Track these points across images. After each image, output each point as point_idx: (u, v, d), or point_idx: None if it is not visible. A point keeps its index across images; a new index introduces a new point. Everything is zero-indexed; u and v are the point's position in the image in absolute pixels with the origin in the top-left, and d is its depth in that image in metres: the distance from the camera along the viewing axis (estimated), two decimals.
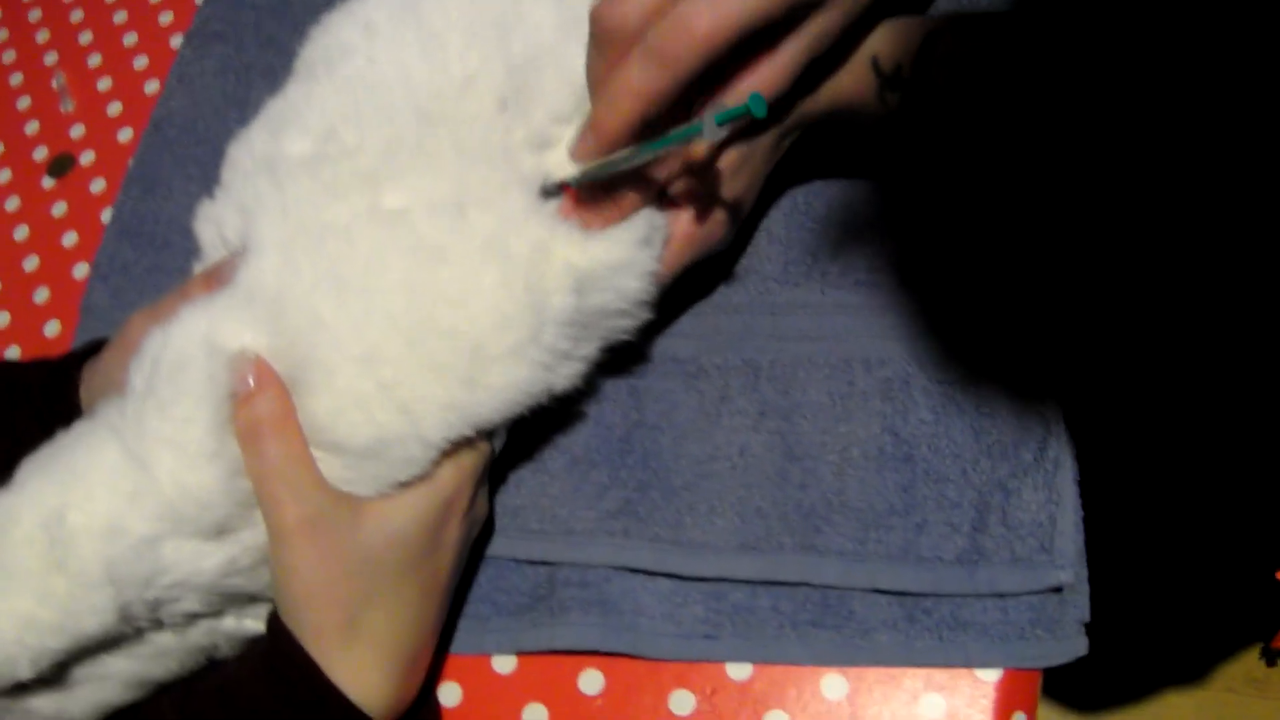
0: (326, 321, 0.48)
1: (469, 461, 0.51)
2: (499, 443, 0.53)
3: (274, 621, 0.48)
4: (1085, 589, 0.52)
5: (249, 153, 0.53)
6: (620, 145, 0.49)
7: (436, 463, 0.49)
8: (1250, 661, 1.18)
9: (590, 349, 0.53)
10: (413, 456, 0.48)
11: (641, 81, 0.46)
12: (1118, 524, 1.15)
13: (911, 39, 0.52)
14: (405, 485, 0.49)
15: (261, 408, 0.47)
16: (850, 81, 0.53)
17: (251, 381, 0.47)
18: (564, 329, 0.51)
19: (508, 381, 0.49)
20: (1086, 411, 0.56)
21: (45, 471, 0.47)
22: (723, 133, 0.46)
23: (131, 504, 0.45)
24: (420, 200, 0.50)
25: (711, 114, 0.45)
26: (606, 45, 0.48)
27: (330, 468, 0.48)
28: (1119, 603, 1.11)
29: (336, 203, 0.50)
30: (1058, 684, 1.17)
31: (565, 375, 0.52)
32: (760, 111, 0.43)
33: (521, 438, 0.58)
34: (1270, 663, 1.17)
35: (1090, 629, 0.52)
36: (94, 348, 0.59)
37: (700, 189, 0.53)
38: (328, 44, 0.55)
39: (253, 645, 0.51)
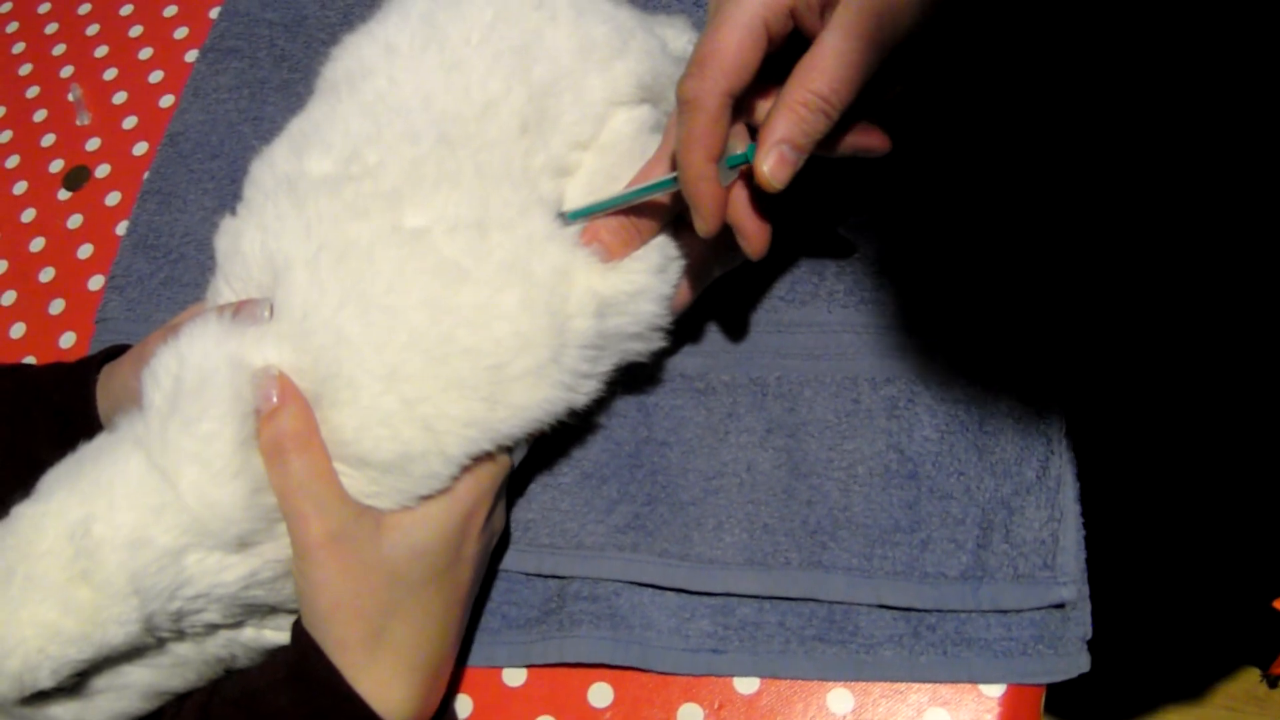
0: (351, 339, 0.49)
1: (488, 474, 0.52)
2: (519, 456, 0.54)
3: (299, 633, 0.49)
4: (1087, 605, 0.53)
5: (271, 171, 0.54)
6: (714, 197, 0.49)
7: (456, 477, 0.50)
8: (1251, 679, 1.18)
9: (607, 367, 0.54)
10: (435, 472, 0.49)
11: (682, 131, 0.48)
12: (1121, 543, 1.16)
13: None
14: (426, 499, 0.50)
15: (285, 423, 0.48)
16: None
17: (275, 398, 0.48)
18: (584, 351, 0.52)
19: (529, 400, 0.50)
20: (1088, 431, 0.57)
21: (69, 483, 0.47)
22: (733, 175, 0.47)
23: (156, 517, 0.46)
24: (442, 221, 0.51)
25: (723, 159, 0.47)
26: None
27: (353, 482, 0.49)
28: (1120, 620, 1.12)
29: (359, 222, 0.50)
30: (1060, 701, 1.17)
31: (585, 393, 0.53)
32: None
33: (532, 452, 0.59)
34: (1272, 685, 1.17)
35: (1092, 646, 0.52)
36: (112, 353, 0.60)
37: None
38: (349, 64, 0.55)
39: (277, 654, 0.51)
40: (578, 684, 0.56)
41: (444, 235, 0.50)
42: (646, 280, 0.53)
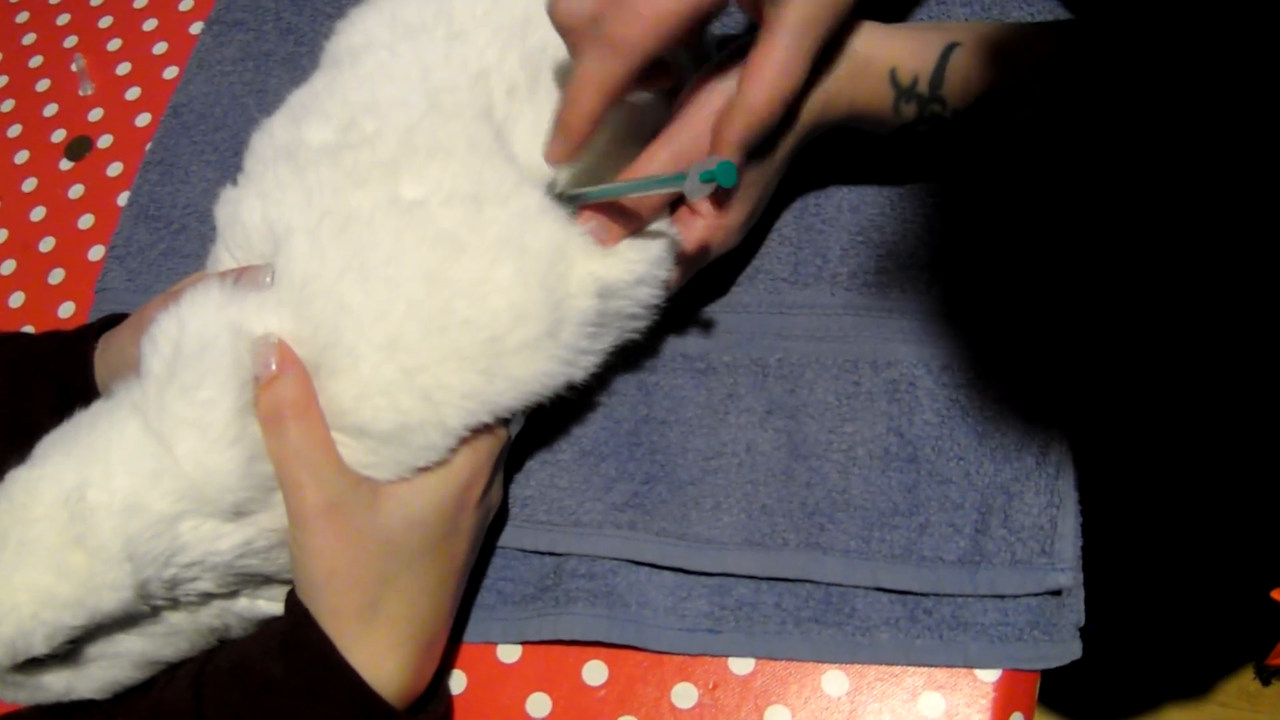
0: (351, 308, 0.48)
1: (485, 446, 0.52)
2: (516, 428, 0.54)
3: (293, 602, 0.49)
4: (1081, 593, 0.53)
5: (270, 140, 0.54)
6: (588, 140, 0.50)
7: (454, 449, 0.50)
8: (1244, 676, 1.18)
9: (605, 344, 0.54)
10: (433, 443, 0.49)
11: (597, 72, 0.48)
12: (1117, 536, 1.16)
13: (929, 52, 0.53)
14: (424, 470, 0.50)
15: (284, 391, 0.47)
16: (868, 92, 0.54)
17: (274, 365, 0.48)
18: (583, 327, 0.52)
19: (527, 373, 0.50)
20: (1088, 419, 0.57)
21: (65, 448, 0.47)
22: (706, 190, 0.47)
23: (152, 483, 0.45)
24: (438, 192, 0.50)
25: (697, 171, 0.46)
26: (567, 42, 0.50)
27: (351, 452, 0.49)
28: (1116, 615, 1.12)
29: (358, 190, 0.50)
30: (1056, 695, 1.18)
31: (584, 368, 0.53)
32: (728, 181, 0.46)
33: (531, 429, 0.59)
34: (1265, 682, 1.17)
35: (1086, 636, 0.52)
36: (110, 321, 0.60)
37: (712, 197, 0.54)
38: (353, 38, 0.55)
39: (270, 624, 0.51)
40: (573, 662, 0.56)
41: (440, 207, 0.50)
42: (647, 270, 0.53)
